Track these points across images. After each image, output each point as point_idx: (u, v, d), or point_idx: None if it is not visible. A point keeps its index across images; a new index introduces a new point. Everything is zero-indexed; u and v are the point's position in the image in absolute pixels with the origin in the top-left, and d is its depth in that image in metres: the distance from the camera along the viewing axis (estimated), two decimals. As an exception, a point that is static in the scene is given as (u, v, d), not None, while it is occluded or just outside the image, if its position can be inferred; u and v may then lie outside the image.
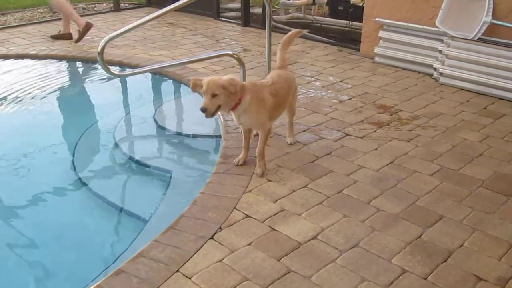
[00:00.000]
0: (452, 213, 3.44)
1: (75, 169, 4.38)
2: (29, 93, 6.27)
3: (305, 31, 4.60)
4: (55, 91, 6.32)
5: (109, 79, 6.47)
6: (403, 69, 6.47)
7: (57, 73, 6.90)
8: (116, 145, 4.80)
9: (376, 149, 4.32)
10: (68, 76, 6.90)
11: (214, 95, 3.53)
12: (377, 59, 6.76)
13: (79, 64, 7.15)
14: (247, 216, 3.36)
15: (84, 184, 4.16)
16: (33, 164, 4.67)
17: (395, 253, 3.03)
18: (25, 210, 3.96)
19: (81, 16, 9.50)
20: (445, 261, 2.98)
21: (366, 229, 3.25)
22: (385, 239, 3.16)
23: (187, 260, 2.93)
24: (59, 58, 7.25)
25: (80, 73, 6.98)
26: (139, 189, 4.21)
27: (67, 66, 7.13)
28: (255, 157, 3.95)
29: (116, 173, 4.51)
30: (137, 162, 4.48)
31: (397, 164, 4.08)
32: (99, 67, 5.07)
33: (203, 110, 3.57)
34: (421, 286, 2.78)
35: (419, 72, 6.32)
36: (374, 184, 3.78)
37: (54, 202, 4.06)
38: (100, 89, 6.50)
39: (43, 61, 7.25)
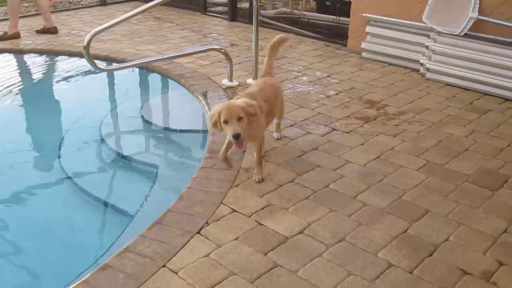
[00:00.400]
0: (438, 207, 3.46)
1: (61, 165, 4.34)
2: (14, 88, 6.21)
3: (288, 37, 4.40)
4: (40, 86, 6.27)
5: (96, 73, 6.42)
6: (390, 64, 6.49)
7: (42, 68, 6.85)
8: (102, 140, 4.76)
9: (362, 144, 4.33)
10: (54, 70, 6.83)
11: (239, 119, 3.28)
12: (364, 54, 6.77)
13: (64, 58, 7.07)
14: (234, 210, 3.36)
15: (70, 180, 4.12)
16: (18, 160, 4.62)
17: (381, 247, 3.04)
18: (10, 205, 3.93)
19: (67, 10, 9.47)
20: (431, 255, 3.00)
21: (353, 224, 3.26)
22: (371, 234, 3.17)
23: (174, 255, 2.92)
24: (45, 52, 7.18)
25: (66, 67, 6.90)
26: (125, 184, 4.19)
27: (52, 60, 7.06)
28: (243, 151, 3.94)
29: (102, 168, 4.48)
30: (124, 157, 4.45)
31: (383, 159, 4.10)
32: (85, 61, 5.02)
33: (237, 136, 3.24)
34: (407, 280, 2.80)
35: (406, 68, 6.35)
36: (360, 178, 3.79)
37: (39, 198, 4.03)
38: (86, 83, 6.45)
39: (29, 55, 7.19)
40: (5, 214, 3.83)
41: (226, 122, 3.28)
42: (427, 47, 6.02)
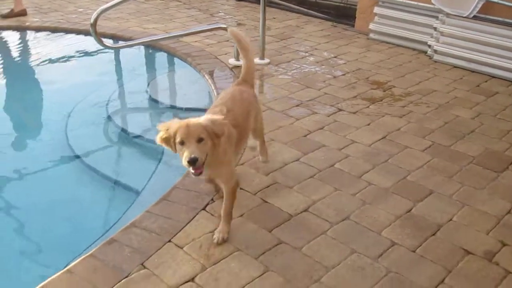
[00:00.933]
0: (442, 188, 3.47)
1: (68, 142, 4.36)
2: (20, 66, 6.22)
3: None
4: (47, 63, 6.27)
5: (102, 52, 6.41)
6: (398, 45, 6.45)
7: (49, 46, 6.84)
8: (109, 118, 4.79)
9: (368, 125, 4.33)
10: (61, 48, 6.83)
11: (200, 140, 2.56)
12: (371, 35, 6.73)
13: (71, 36, 7.07)
14: (240, 188, 3.36)
15: (77, 157, 4.15)
16: (25, 137, 4.67)
17: (385, 226, 3.06)
18: (18, 182, 3.97)
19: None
20: (434, 234, 3.01)
21: (357, 203, 3.28)
22: (375, 213, 3.19)
23: (179, 231, 2.95)
24: (51, 30, 7.18)
25: (73, 45, 6.90)
26: (132, 161, 4.22)
27: (59, 38, 7.06)
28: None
29: (109, 145, 4.52)
30: (130, 135, 4.48)
31: (389, 139, 4.10)
32: (92, 39, 5.03)
33: (193, 161, 2.49)
34: (410, 258, 2.82)
35: (414, 49, 6.31)
36: (365, 158, 3.80)
37: (47, 175, 4.06)
38: (93, 62, 6.46)
39: (35, 33, 7.18)
40: (14, 190, 3.88)
41: (182, 143, 2.56)
42: (435, 28, 5.98)
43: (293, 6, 8.29)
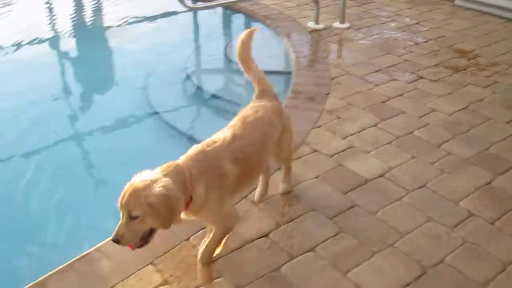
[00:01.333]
0: (527, 162, 3.34)
1: (147, 99, 4.50)
2: (102, 26, 6.40)
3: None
4: (127, 24, 6.44)
5: (181, 12, 6.50)
6: (485, 13, 6.15)
7: (129, 6, 7.00)
8: (188, 77, 4.89)
9: (450, 94, 4.20)
10: (141, 9, 6.97)
11: (133, 217, 2.10)
12: (457, 2, 6.44)
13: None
14: (316, 150, 3.39)
15: (156, 113, 4.29)
16: (108, 94, 4.86)
17: (463, 197, 3.00)
18: (100, 136, 4.16)
19: None
20: (515, 208, 2.93)
21: (435, 171, 3.22)
22: (453, 182, 3.12)
23: (254, 189, 2.99)
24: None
25: (152, 6, 7.03)
26: (208, 120, 4.31)
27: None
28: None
29: (187, 104, 4.63)
30: (208, 94, 4.56)
31: (471, 109, 3.97)
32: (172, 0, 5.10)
33: (115, 241, 2.12)
34: (488, 230, 2.75)
35: (502, 17, 5.99)
36: (445, 127, 3.71)
37: (127, 129, 4.26)
38: (172, 22, 6.58)
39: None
40: (95, 143, 4.07)
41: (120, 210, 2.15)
42: (527, -5, 5.66)
43: (375, -30, 8.04)
